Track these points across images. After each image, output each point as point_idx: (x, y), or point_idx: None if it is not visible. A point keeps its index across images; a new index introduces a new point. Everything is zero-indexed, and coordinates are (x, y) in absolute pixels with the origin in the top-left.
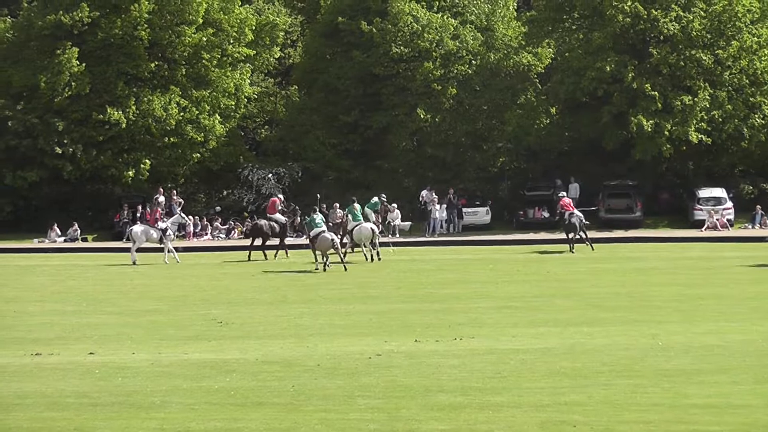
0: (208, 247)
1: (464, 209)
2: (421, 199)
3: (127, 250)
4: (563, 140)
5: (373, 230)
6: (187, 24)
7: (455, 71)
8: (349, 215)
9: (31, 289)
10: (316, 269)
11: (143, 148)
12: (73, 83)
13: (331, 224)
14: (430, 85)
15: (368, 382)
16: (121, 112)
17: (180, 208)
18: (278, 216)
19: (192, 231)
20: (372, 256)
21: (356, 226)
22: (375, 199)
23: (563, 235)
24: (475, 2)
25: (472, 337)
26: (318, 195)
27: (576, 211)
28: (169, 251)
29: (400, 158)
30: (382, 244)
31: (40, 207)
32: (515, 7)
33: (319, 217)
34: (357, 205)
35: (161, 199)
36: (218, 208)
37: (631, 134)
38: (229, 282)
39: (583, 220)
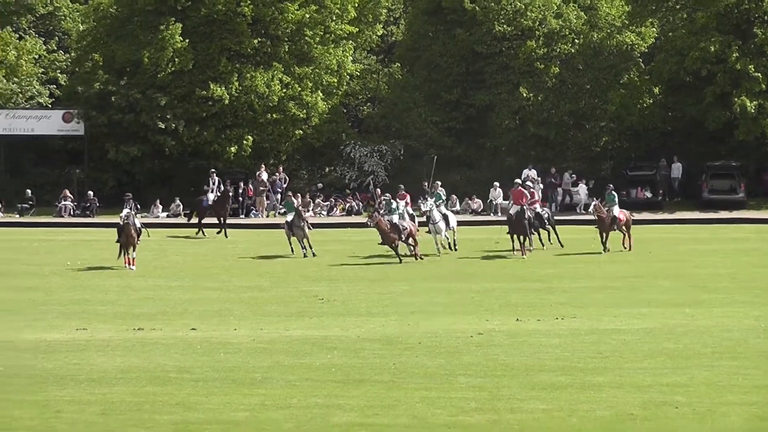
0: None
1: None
2: (523, 178)
3: (230, 226)
4: (666, 120)
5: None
6: (290, 0)
7: (558, 50)
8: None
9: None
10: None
11: (246, 124)
12: (176, 59)
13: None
14: (532, 63)
15: (469, 361)
16: (223, 89)
17: (285, 185)
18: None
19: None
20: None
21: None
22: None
23: (665, 215)
24: None
25: (574, 317)
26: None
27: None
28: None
29: (502, 137)
30: None
31: (143, 182)
32: None
33: (395, 204)
34: (441, 189)
35: (264, 175)
36: (320, 185)
37: (734, 115)
38: (330, 259)
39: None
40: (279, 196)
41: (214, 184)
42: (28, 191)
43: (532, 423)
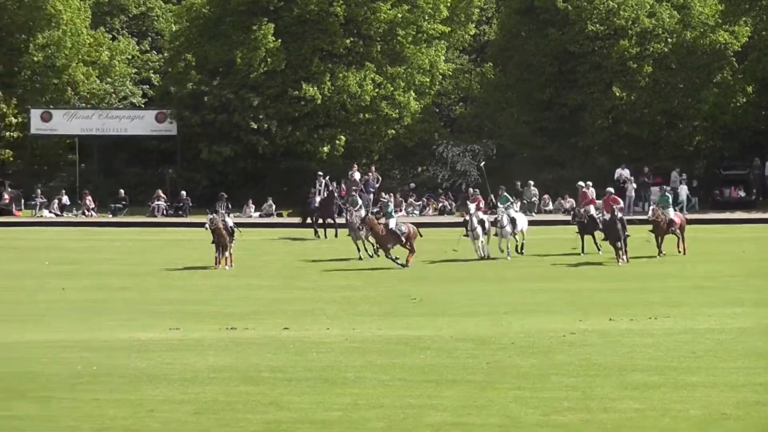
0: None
1: (659, 187)
2: (617, 177)
3: (321, 225)
4: (759, 119)
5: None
6: (382, 0)
7: (651, 49)
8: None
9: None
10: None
11: (338, 124)
12: (268, 59)
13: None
14: (625, 63)
15: (562, 361)
16: (316, 88)
17: (378, 185)
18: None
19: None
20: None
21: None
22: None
23: (759, 214)
24: None
25: (667, 317)
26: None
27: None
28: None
29: (594, 136)
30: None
31: (235, 182)
32: None
33: (390, 207)
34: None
35: (356, 175)
36: (413, 185)
37: None
38: (423, 259)
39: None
40: (371, 196)
41: (321, 185)
42: (122, 191)
43: (624, 422)
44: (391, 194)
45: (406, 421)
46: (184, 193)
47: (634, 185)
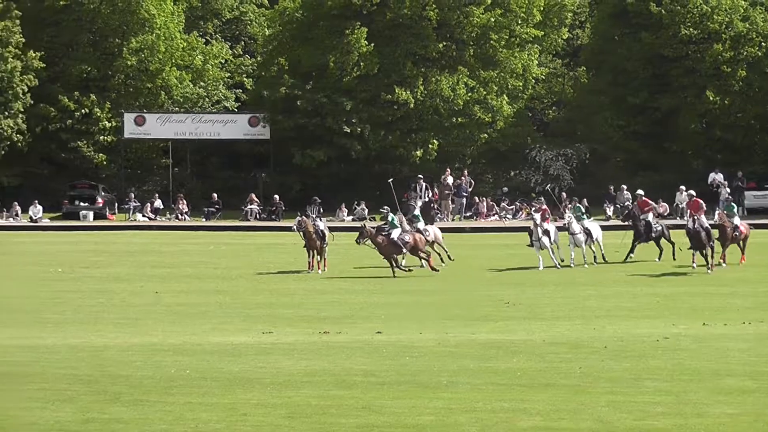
0: (494, 228)
1: (753, 192)
2: (711, 181)
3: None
4: None
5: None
6: (475, 5)
7: (745, 53)
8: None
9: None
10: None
11: (431, 128)
12: (361, 63)
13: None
14: (719, 67)
15: (655, 365)
16: (409, 92)
17: (471, 189)
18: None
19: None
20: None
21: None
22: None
23: None
24: None
25: (761, 321)
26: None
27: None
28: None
29: (688, 140)
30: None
31: (328, 186)
32: None
33: (390, 217)
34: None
35: (449, 179)
36: (505, 189)
37: None
38: (517, 263)
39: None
40: (464, 200)
41: (421, 190)
42: (215, 195)
43: (718, 428)
44: (483, 198)
45: (498, 425)
46: (276, 197)
47: (728, 189)
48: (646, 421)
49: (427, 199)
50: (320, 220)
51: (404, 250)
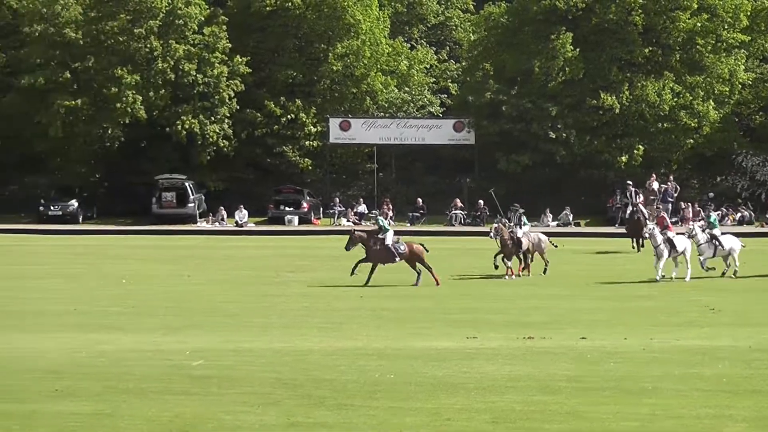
0: None
1: None
2: None
3: (618, 235)
4: None
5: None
6: (682, 9)
7: None
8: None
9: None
10: None
11: (636, 133)
12: (566, 68)
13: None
14: None
15: None
16: (614, 98)
17: (676, 194)
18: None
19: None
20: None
21: None
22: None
23: None
24: None
25: None
26: None
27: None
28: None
29: None
30: None
31: (532, 191)
32: None
33: (382, 222)
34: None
35: (654, 185)
36: (711, 195)
37: None
38: (722, 267)
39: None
40: (669, 205)
41: (631, 196)
42: (419, 200)
43: None
44: (689, 204)
45: (704, 431)
46: (481, 202)
47: None
48: None
49: (636, 205)
50: (519, 227)
51: (397, 259)
